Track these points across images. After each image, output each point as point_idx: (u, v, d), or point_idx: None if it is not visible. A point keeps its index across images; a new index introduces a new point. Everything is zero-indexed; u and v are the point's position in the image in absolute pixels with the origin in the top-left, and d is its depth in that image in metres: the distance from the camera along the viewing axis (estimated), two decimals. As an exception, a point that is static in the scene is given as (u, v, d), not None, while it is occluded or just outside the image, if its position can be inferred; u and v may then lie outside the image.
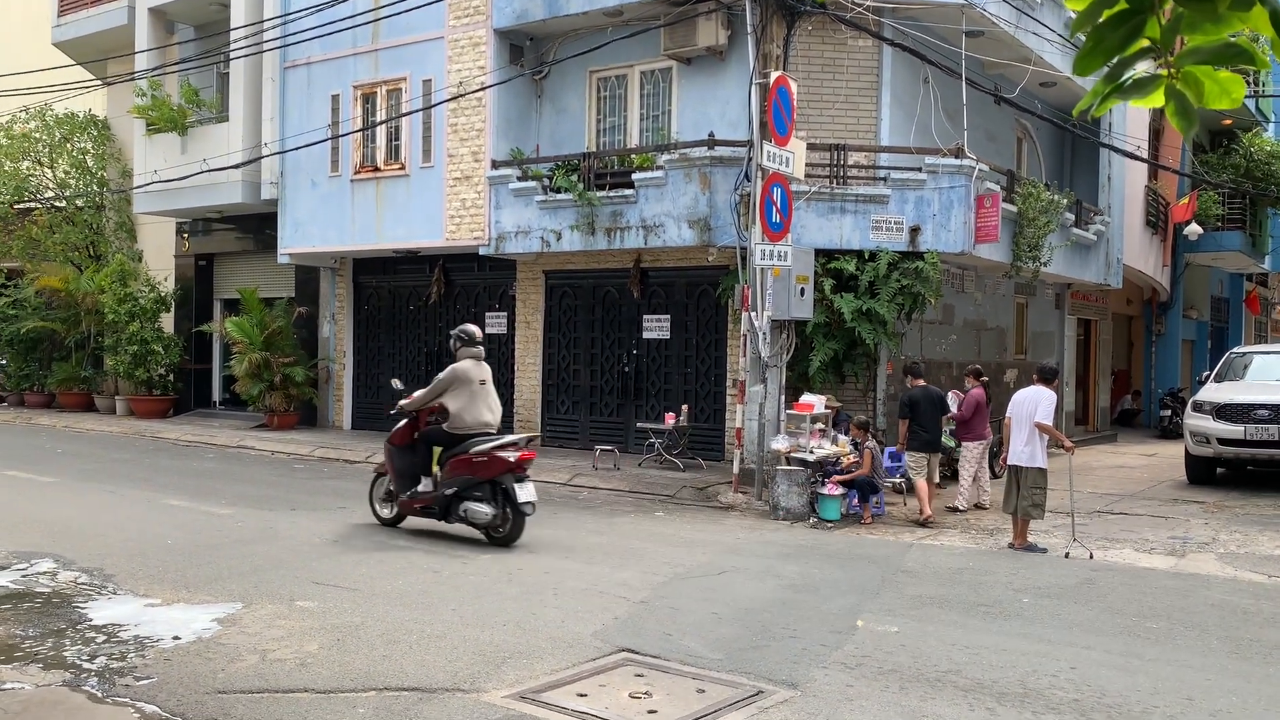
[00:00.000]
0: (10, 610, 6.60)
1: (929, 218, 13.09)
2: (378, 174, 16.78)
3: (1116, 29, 1.84)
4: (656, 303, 15.36)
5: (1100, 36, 1.86)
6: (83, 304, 21.57)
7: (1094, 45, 1.87)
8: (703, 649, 6.08)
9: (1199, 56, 1.84)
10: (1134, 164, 19.24)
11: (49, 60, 21.37)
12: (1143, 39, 1.86)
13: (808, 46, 13.71)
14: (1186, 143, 22.54)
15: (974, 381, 12.38)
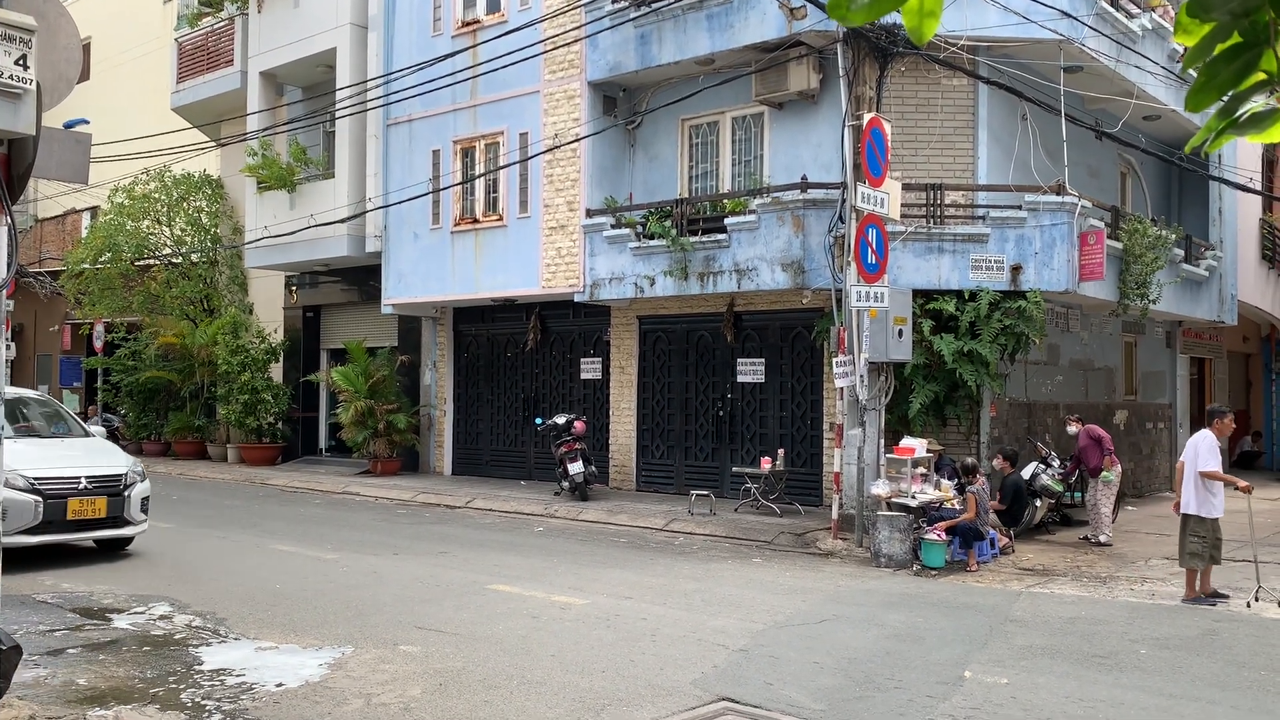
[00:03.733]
0: (129, 652, 6.84)
1: (1030, 256, 12.81)
2: (476, 225, 17.17)
3: (1230, 63, 1.79)
4: (750, 346, 15.31)
5: (1213, 71, 1.81)
6: (197, 356, 22.46)
7: (1207, 80, 1.81)
8: (805, 699, 5.96)
9: (1317, 88, 1.78)
10: (1247, 197, 18.56)
11: (167, 124, 22.52)
12: (1259, 72, 1.81)
13: (901, 87, 13.63)
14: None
15: (1077, 424, 12.51)
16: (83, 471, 10.05)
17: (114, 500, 10.21)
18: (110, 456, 10.65)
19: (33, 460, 9.79)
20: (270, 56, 20.57)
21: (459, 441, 19.41)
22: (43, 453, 10.23)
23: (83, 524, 9.91)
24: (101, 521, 10.08)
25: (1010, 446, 12.89)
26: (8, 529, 8.38)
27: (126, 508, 10.37)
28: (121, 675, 6.30)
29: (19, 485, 9.33)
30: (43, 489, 9.57)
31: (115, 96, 26.43)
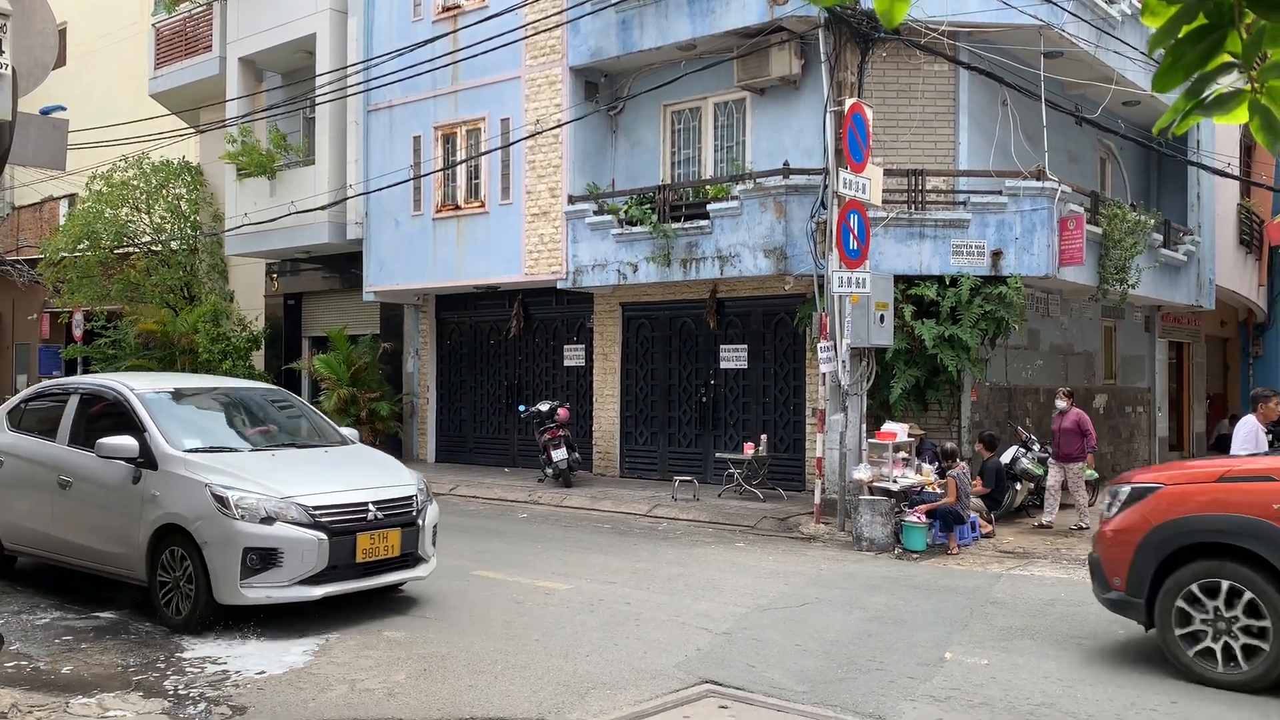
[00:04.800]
0: (111, 640, 6.83)
1: (1011, 241, 12.87)
2: (458, 212, 17.12)
3: (1196, 44, 1.81)
4: (733, 333, 15.34)
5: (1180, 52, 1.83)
6: (178, 344, 22.32)
7: (1173, 61, 1.84)
8: (787, 681, 6.02)
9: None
10: (1225, 182, 18.70)
11: (145, 111, 22.31)
12: (1224, 54, 1.83)
13: (883, 73, 13.65)
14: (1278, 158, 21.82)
15: (1068, 400, 12.39)
16: (368, 495, 7.42)
17: (408, 532, 7.57)
18: (391, 472, 8.15)
19: (300, 481, 7.28)
20: (249, 42, 20.41)
21: (442, 429, 19.39)
22: (307, 470, 7.68)
23: (373, 566, 7.37)
24: (393, 562, 7.53)
25: (990, 431, 12.99)
26: (285, 577, 6.88)
27: (420, 541, 7.73)
28: (104, 663, 6.29)
29: (295, 518, 6.96)
30: (325, 521, 7.05)
31: (93, 83, 26.18)
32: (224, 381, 9.66)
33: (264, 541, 6.81)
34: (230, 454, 7.60)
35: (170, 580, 7.05)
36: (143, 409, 7.66)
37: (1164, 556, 6.24)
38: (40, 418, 8.58)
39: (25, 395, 9.03)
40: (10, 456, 8.41)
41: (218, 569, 6.79)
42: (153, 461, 7.24)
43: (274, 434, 8.58)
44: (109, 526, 7.47)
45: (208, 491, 6.90)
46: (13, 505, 8.33)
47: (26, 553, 8.43)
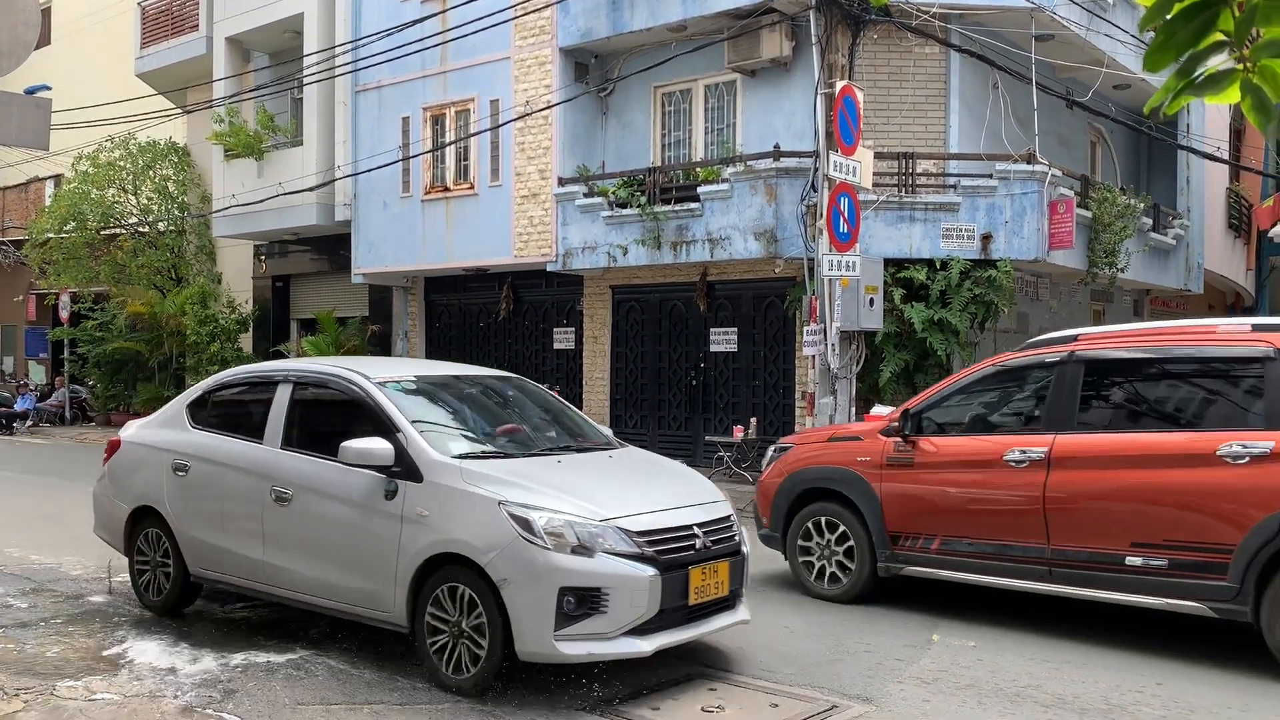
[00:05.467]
0: (99, 624, 6.81)
1: (1001, 225, 12.87)
2: (447, 194, 17.04)
3: (1188, 22, 1.79)
4: (723, 315, 15.33)
5: (1171, 31, 1.81)
6: (166, 326, 22.23)
7: (1165, 40, 1.82)
8: (775, 663, 6.03)
9: (1276, 49, 1.78)
10: (1214, 166, 18.72)
11: (132, 91, 22.14)
12: (1216, 32, 1.81)
13: (873, 55, 13.61)
14: (1270, 141, 21.86)
15: None
16: (690, 516, 5.71)
17: (735, 564, 5.86)
18: (694, 483, 6.30)
19: (609, 497, 5.59)
20: (236, 22, 20.24)
21: (432, 411, 19.34)
22: (606, 481, 5.95)
23: (700, 610, 5.65)
24: (719, 603, 5.81)
25: None
26: (610, 626, 5.18)
27: (745, 574, 6.10)
28: (92, 646, 6.27)
29: (618, 548, 5.27)
30: (654, 552, 5.36)
31: (78, 62, 25.94)
32: (460, 368, 7.55)
33: (584, 579, 5.14)
34: (509, 461, 5.90)
35: (447, 627, 5.39)
36: (390, 404, 5.96)
37: (792, 499, 7.99)
38: (236, 413, 7.02)
39: (209, 385, 7.27)
40: (199, 461, 6.76)
41: (522, 614, 5.13)
42: (414, 471, 5.58)
43: (535, 433, 6.77)
44: (350, 554, 5.80)
45: (503, 512, 5.23)
46: (204, 523, 6.67)
47: (223, 582, 6.68)
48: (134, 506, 7.15)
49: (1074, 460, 6.55)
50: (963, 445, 7.26)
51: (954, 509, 7.11)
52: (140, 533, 7.13)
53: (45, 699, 5.27)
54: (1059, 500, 6.56)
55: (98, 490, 7.62)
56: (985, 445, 7.07)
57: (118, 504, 7.33)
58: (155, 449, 7.11)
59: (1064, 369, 6.88)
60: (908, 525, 7.35)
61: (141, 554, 7.14)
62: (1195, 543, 6.11)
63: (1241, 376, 6.29)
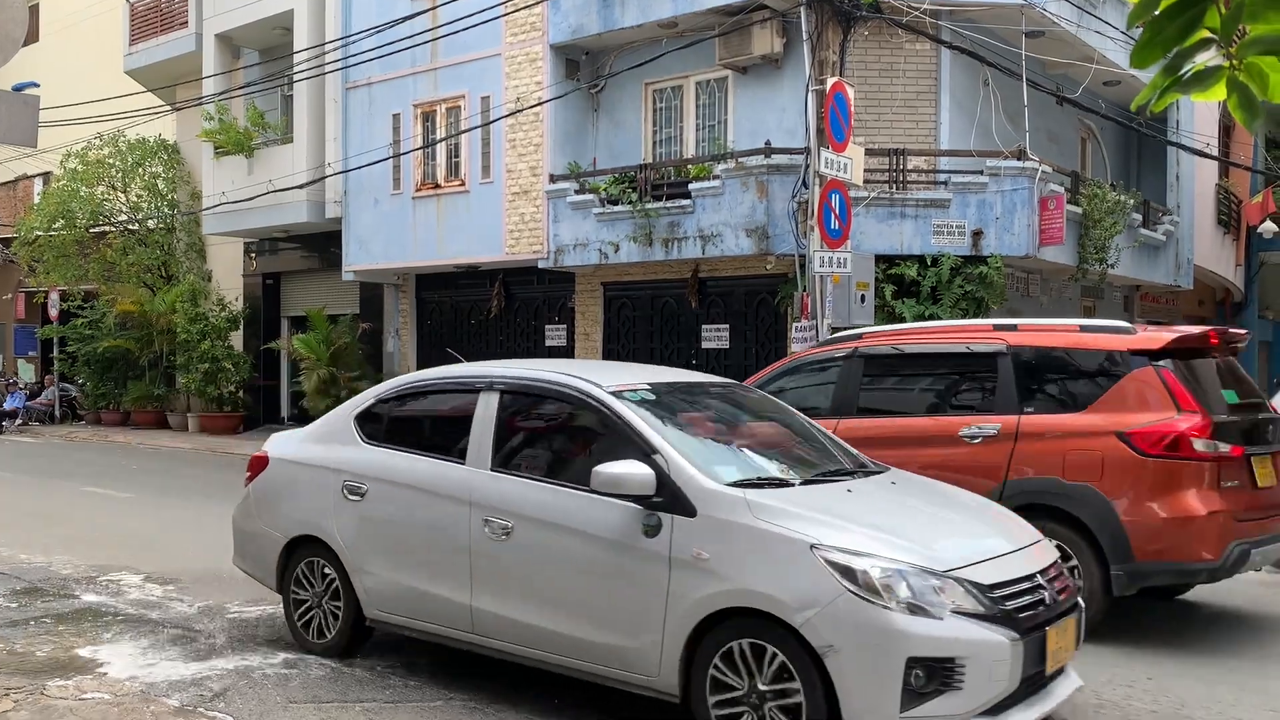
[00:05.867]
0: (90, 623, 6.79)
1: (991, 221, 12.90)
2: (438, 191, 17.01)
3: (1175, 19, 1.79)
4: (715, 312, 15.33)
5: (1158, 27, 1.81)
6: (155, 324, 22.16)
7: (1152, 36, 1.82)
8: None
9: (1262, 46, 1.79)
10: (1204, 162, 18.78)
11: (121, 88, 22.06)
12: (1202, 29, 1.81)
13: (864, 52, 13.62)
14: (1259, 138, 21.94)
15: None
16: (1030, 563, 4.68)
17: (1078, 619, 4.82)
18: (1004, 515, 5.35)
19: (930, 539, 4.55)
20: (225, 19, 20.17)
21: (423, 409, 19.32)
22: (914, 517, 4.94)
23: (1048, 680, 4.60)
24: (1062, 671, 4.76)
25: None
26: (964, 706, 4.14)
27: (1081, 630, 4.96)
28: (83, 645, 6.25)
29: (968, 608, 4.24)
30: (1010, 609, 4.33)
31: (66, 59, 25.83)
32: (676, 373, 6.38)
33: (935, 647, 4.10)
34: (797, 490, 4.85)
35: (743, 699, 4.32)
36: (637, 418, 4.94)
37: None
38: (424, 427, 6.06)
39: (383, 392, 6.10)
40: (379, 483, 5.65)
41: (854, 690, 4.11)
42: (682, 502, 4.55)
43: (794, 452, 5.60)
44: (598, 602, 4.77)
45: (818, 558, 4.20)
46: (387, 557, 5.59)
47: (411, 629, 5.59)
48: (291, 536, 6.02)
49: (852, 441, 6.72)
50: None
51: None
52: (298, 565, 6.01)
53: (35, 698, 5.25)
54: None
55: (239, 516, 6.53)
56: None
57: (268, 532, 6.18)
58: (319, 468, 5.96)
59: (849, 363, 7.77)
60: None
61: (300, 590, 6.03)
62: None
63: (982, 369, 7.19)
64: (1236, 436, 6.52)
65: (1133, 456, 6.37)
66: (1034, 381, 6.98)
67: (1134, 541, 6.30)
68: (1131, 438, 6.38)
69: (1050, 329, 7.24)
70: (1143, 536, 6.29)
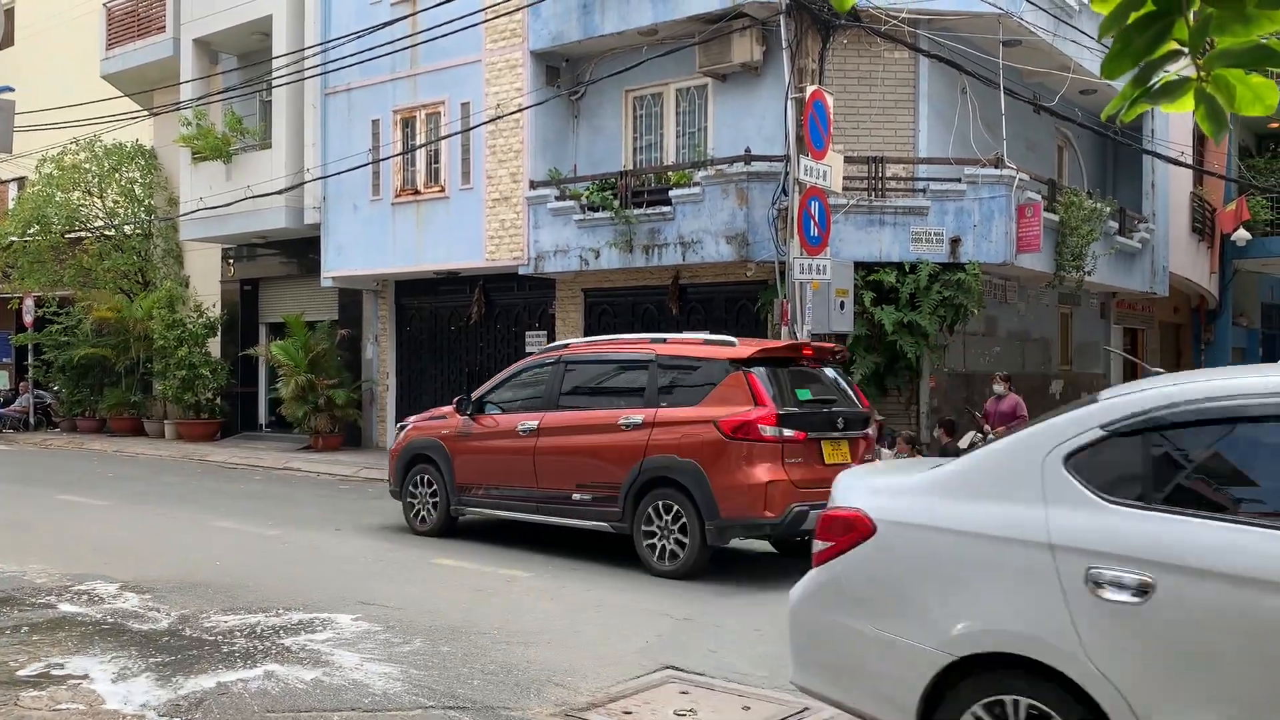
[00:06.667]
0: (64, 633, 6.72)
1: (969, 228, 12.99)
2: (418, 197, 16.97)
3: (1144, 31, 1.82)
4: (696, 318, 15.34)
5: (1128, 39, 1.84)
6: (132, 330, 21.97)
7: (1122, 48, 1.85)
8: (747, 666, 6.05)
9: (1229, 59, 1.81)
10: (1179, 170, 18.98)
11: (97, 93, 21.88)
12: (1171, 41, 1.84)
13: (843, 60, 13.70)
14: (1232, 148, 22.18)
15: (1005, 385, 12.45)
16: None
17: None
18: None
19: None
20: (204, 24, 20.07)
21: (402, 416, 19.19)
22: None
23: None
24: None
25: (949, 417, 13.12)
26: None
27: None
28: (57, 655, 6.18)
29: None
30: None
31: (42, 64, 25.61)
32: None
33: None
34: None
35: None
36: None
37: (405, 462, 10.62)
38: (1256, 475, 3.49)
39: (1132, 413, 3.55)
40: (1183, 577, 3.25)
41: None
42: None
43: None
44: None
45: None
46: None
47: None
48: (964, 653, 3.64)
49: (552, 430, 9.35)
50: (498, 420, 9.91)
51: (491, 466, 9.82)
52: (973, 703, 3.63)
53: (8, 709, 5.19)
54: (542, 457, 9.35)
55: (814, 609, 4.24)
56: (509, 420, 9.79)
57: (901, 644, 3.81)
58: (1012, 542, 3.62)
59: (555, 367, 9.73)
60: (469, 478, 9.98)
61: None
62: (604, 484, 8.89)
63: (640, 373, 9.09)
64: (803, 424, 8.40)
65: (720, 439, 8.27)
66: (669, 382, 8.93)
67: (720, 503, 8.21)
68: (720, 425, 8.28)
69: (685, 343, 9.29)
70: (725, 499, 8.20)
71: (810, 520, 8.02)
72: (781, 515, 8.18)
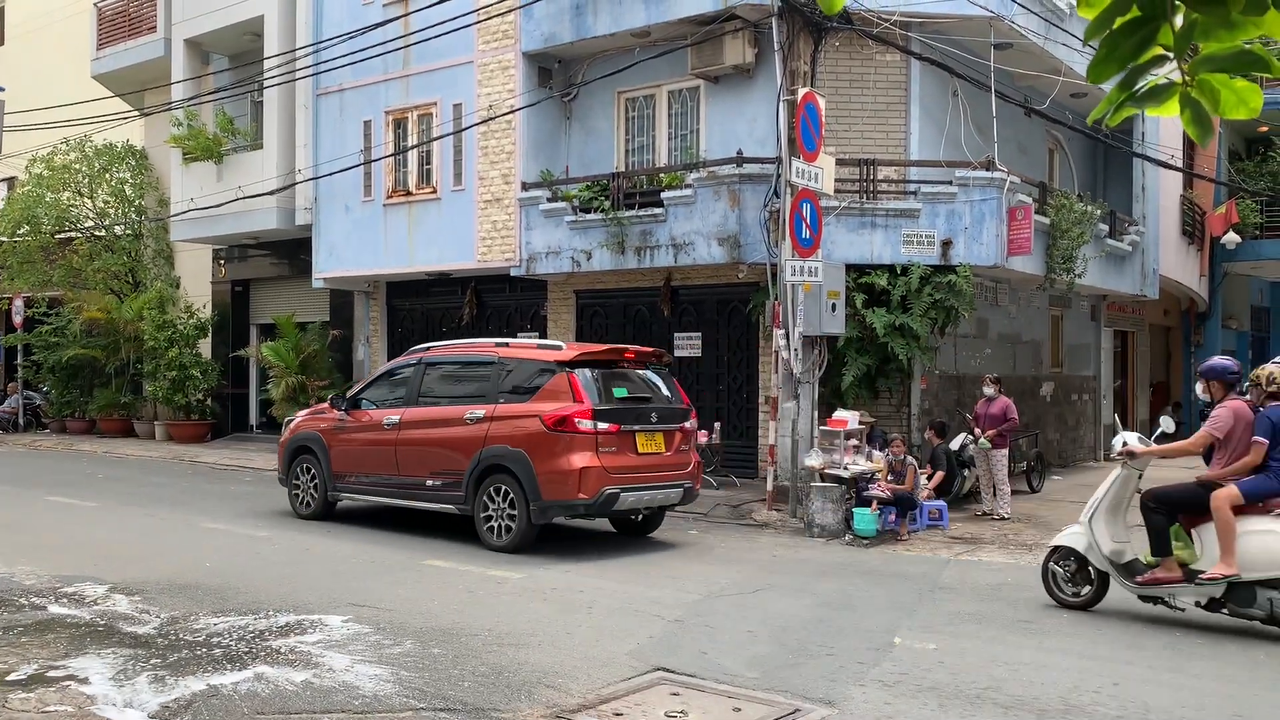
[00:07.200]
0: (53, 635, 6.69)
1: (960, 231, 13.01)
2: (410, 198, 16.95)
3: (1130, 36, 1.83)
4: (687, 320, 15.36)
5: (1113, 44, 1.85)
6: (123, 331, 21.90)
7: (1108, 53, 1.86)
8: (738, 667, 6.05)
9: (1214, 64, 1.82)
10: (1168, 173, 19.05)
11: (88, 93, 21.83)
12: (1156, 46, 1.85)
13: (835, 62, 13.72)
14: (1221, 152, 22.28)
15: (995, 387, 12.42)
16: None
17: None
18: None
19: None
20: (195, 24, 20.03)
21: (394, 417, 19.22)
22: None
23: None
24: None
25: (940, 419, 13.15)
26: None
27: None
28: (47, 658, 6.16)
29: None
30: None
31: (32, 63, 25.53)
32: None
33: None
34: None
35: None
36: None
37: (290, 453, 11.74)
38: None
39: None
40: None
41: None
42: None
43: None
44: None
45: None
46: None
47: None
48: None
49: (411, 424, 10.56)
50: (368, 415, 11.06)
51: (362, 456, 10.95)
52: None
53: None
54: (404, 447, 10.51)
55: None
56: (376, 415, 10.96)
57: None
58: None
59: (417, 368, 10.95)
60: (343, 467, 11.11)
61: None
62: (452, 471, 10.01)
63: (484, 373, 10.28)
64: (617, 418, 9.53)
65: (544, 431, 9.46)
66: (508, 382, 10.03)
67: (542, 487, 9.39)
68: (544, 419, 9.48)
69: (523, 347, 10.51)
70: (547, 483, 9.36)
71: (622, 502, 9.58)
72: (594, 497, 9.38)
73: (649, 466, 9.79)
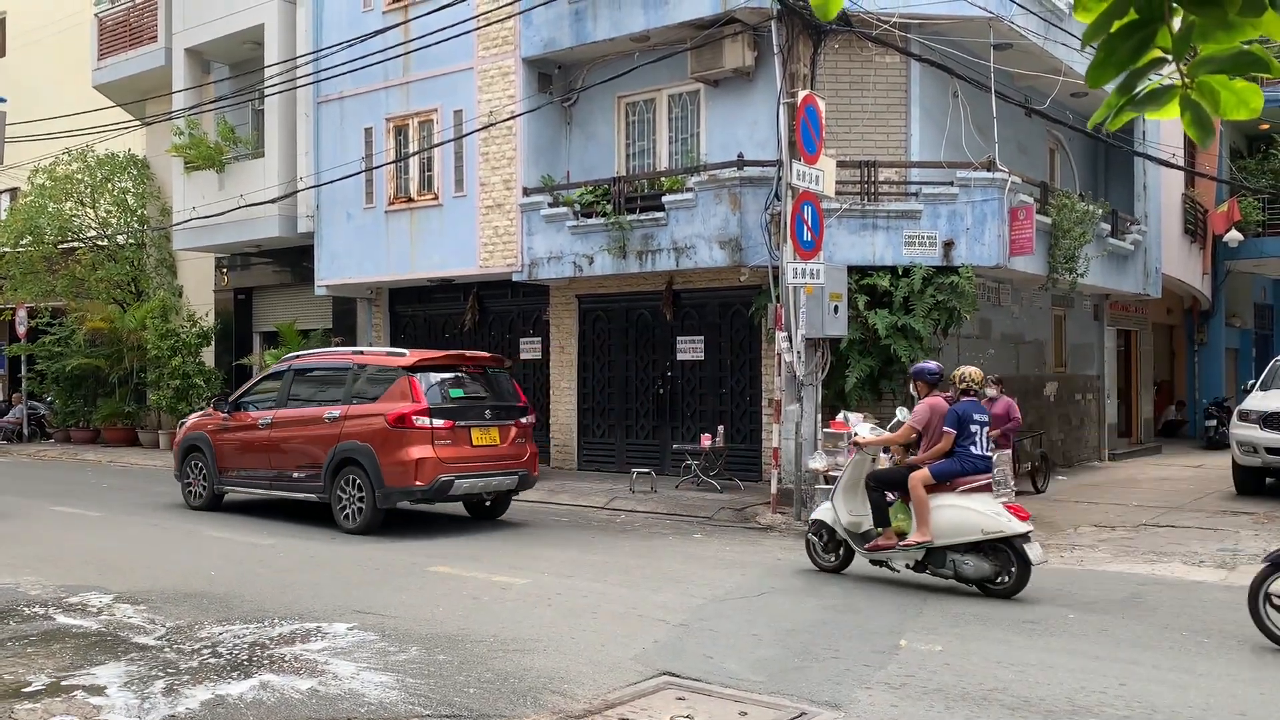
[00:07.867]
0: (59, 645, 6.70)
1: (962, 232, 13.01)
2: (411, 204, 16.97)
3: (1128, 39, 1.82)
4: (689, 324, 15.36)
5: (1112, 48, 1.84)
6: (126, 340, 21.93)
7: (1106, 57, 1.85)
8: (744, 671, 6.04)
9: (1213, 66, 1.82)
10: (1170, 172, 19.04)
11: (89, 103, 21.87)
12: (1155, 49, 1.84)
13: (835, 65, 13.73)
14: (1223, 150, 22.25)
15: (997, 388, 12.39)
16: None
17: None
18: None
19: None
20: (195, 33, 20.08)
21: (398, 423, 19.23)
22: None
23: None
24: None
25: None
26: None
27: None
28: (52, 669, 6.17)
29: None
30: None
31: (34, 74, 25.60)
32: None
33: None
34: None
35: None
36: None
37: (182, 451, 13.09)
38: None
39: None
40: None
41: None
42: None
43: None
44: None
45: None
46: None
47: None
48: None
49: (281, 423, 11.94)
50: (248, 415, 12.44)
51: (243, 452, 12.32)
52: None
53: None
54: (275, 444, 11.92)
55: None
56: (254, 416, 12.34)
57: None
58: None
59: (287, 373, 12.41)
60: (227, 463, 12.50)
61: None
62: (314, 464, 11.38)
63: (343, 377, 11.67)
64: (451, 415, 10.90)
65: (386, 428, 10.80)
66: (360, 385, 11.39)
67: (385, 476, 10.73)
68: (386, 417, 10.84)
69: (374, 354, 12.02)
70: (389, 473, 10.72)
71: (456, 488, 10.92)
72: (430, 484, 10.71)
73: (483, 458, 11.12)
